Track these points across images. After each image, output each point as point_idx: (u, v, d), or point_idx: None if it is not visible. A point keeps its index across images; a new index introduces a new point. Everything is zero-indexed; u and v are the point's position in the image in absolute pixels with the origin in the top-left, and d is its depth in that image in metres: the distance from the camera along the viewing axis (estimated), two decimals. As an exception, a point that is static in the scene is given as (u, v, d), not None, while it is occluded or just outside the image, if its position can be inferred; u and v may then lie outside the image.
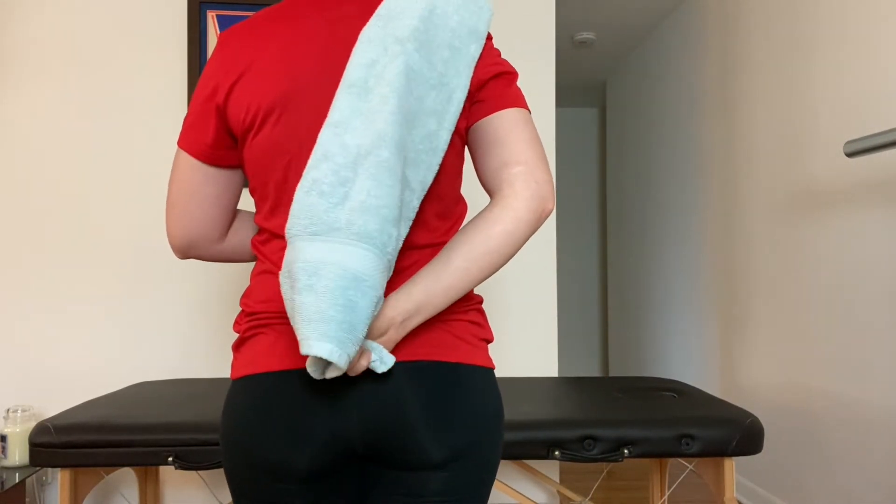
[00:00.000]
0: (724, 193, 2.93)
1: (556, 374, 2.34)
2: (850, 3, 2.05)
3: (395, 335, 0.78)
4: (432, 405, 0.81)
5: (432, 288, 0.78)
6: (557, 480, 2.28)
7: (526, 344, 2.35)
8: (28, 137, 2.19)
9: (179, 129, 2.24)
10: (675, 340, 3.51)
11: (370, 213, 0.70)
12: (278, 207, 0.83)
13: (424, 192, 0.80)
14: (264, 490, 0.81)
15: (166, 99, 2.24)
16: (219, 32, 2.24)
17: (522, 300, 2.36)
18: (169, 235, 0.93)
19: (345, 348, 0.68)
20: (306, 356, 0.77)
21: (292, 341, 0.80)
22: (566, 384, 1.97)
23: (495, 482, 1.66)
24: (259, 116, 0.81)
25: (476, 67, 0.83)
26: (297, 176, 0.80)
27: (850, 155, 1.50)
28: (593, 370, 5.54)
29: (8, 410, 2.00)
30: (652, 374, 3.88)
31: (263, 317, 0.82)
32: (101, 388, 2.20)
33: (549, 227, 2.39)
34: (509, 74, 0.85)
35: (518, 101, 0.84)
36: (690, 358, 3.31)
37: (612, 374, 4.75)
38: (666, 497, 2.04)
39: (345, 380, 0.79)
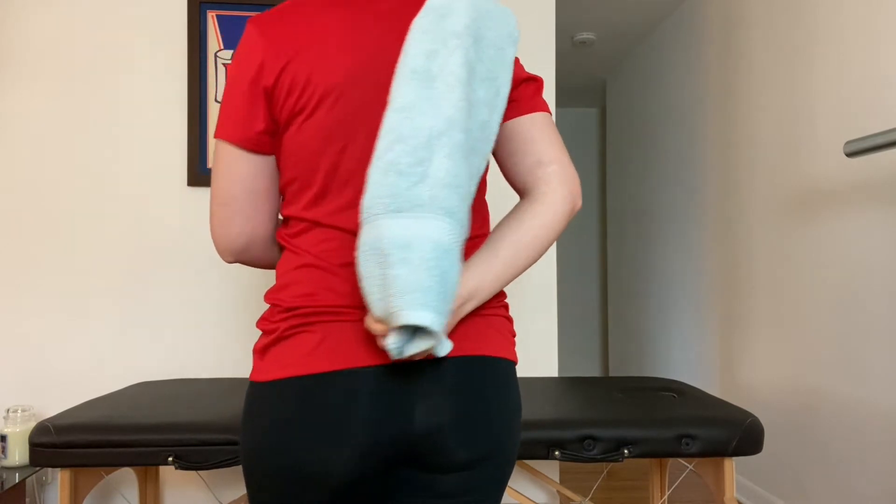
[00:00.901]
0: (724, 193, 2.93)
1: (556, 374, 2.34)
2: (849, 4, 2.05)
3: (451, 320, 0.78)
4: (480, 402, 0.81)
5: (484, 276, 0.80)
6: (557, 480, 2.28)
7: (526, 344, 2.36)
8: (27, 137, 2.19)
9: (179, 128, 2.24)
10: (675, 340, 3.51)
11: (450, 189, 0.72)
12: (325, 195, 0.81)
13: (479, 181, 0.83)
14: (293, 500, 0.78)
15: (166, 99, 2.24)
16: (219, 32, 2.24)
17: (522, 300, 2.36)
18: (221, 237, 0.86)
19: (441, 317, 0.69)
20: (360, 353, 0.76)
21: (342, 340, 0.77)
22: (566, 384, 1.97)
23: (495, 482, 1.66)
24: (314, 100, 0.79)
25: (513, 69, 0.87)
26: (352, 162, 0.80)
27: (850, 155, 1.50)
28: (593, 370, 5.54)
29: (8, 410, 2.00)
30: (652, 374, 3.88)
31: (305, 312, 0.78)
32: (101, 388, 2.20)
33: (549, 227, 2.39)
34: (537, 82, 0.91)
35: (546, 107, 0.90)
36: (690, 358, 3.31)
37: (612, 374, 4.75)
38: (666, 497, 2.04)
39: (400, 379, 0.77)
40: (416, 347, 0.71)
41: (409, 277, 0.68)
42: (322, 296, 0.78)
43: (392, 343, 0.71)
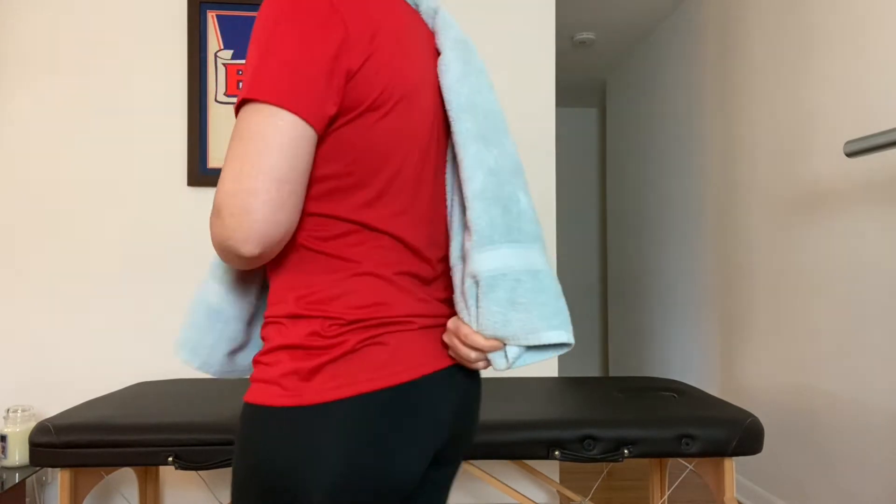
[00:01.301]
0: (724, 193, 2.93)
1: (556, 374, 2.33)
2: (849, 4, 2.05)
3: None
4: (479, 398, 0.90)
5: None
6: (557, 480, 2.28)
7: (526, 344, 2.35)
8: (28, 137, 2.19)
9: (179, 128, 2.24)
10: (675, 340, 3.51)
11: (536, 222, 0.81)
12: (380, 199, 0.77)
13: None
14: None
15: (166, 99, 2.24)
16: (219, 32, 2.24)
17: (522, 300, 2.35)
18: (265, 222, 0.69)
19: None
20: (427, 360, 0.79)
21: (412, 349, 0.77)
22: (566, 384, 1.97)
23: (495, 482, 1.66)
24: (392, 100, 0.75)
25: None
26: (410, 170, 0.79)
27: (850, 155, 1.50)
28: (593, 370, 5.54)
29: (8, 410, 2.00)
30: (652, 374, 3.88)
31: (372, 324, 0.75)
32: (101, 388, 2.20)
33: (549, 226, 2.39)
34: None
35: None
36: (690, 358, 3.31)
37: (612, 374, 4.75)
38: (666, 497, 2.04)
39: (456, 379, 0.82)
40: (531, 359, 0.80)
41: (552, 303, 0.77)
42: (387, 307, 0.76)
43: (512, 356, 0.78)
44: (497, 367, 0.79)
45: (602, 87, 4.99)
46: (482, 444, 1.50)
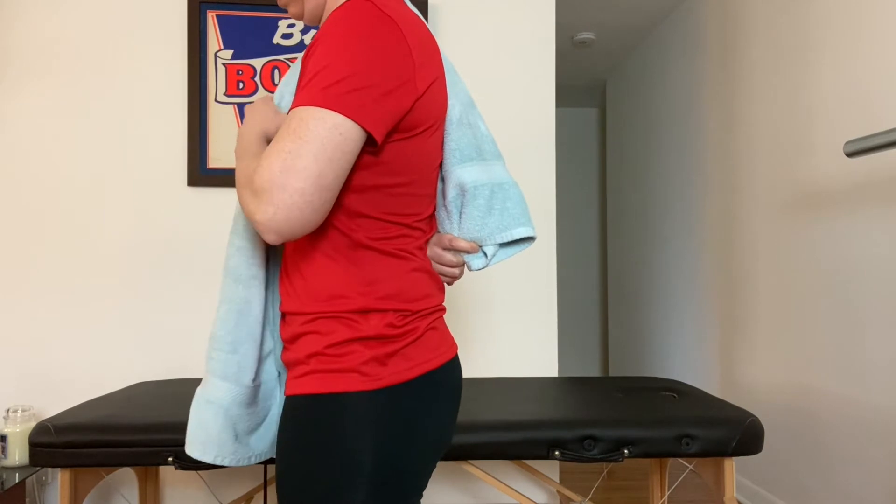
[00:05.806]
0: (724, 193, 2.93)
1: (556, 374, 2.34)
2: (849, 4, 2.05)
3: None
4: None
5: None
6: (557, 480, 2.28)
7: (526, 344, 2.35)
8: (28, 137, 2.19)
9: (179, 128, 2.24)
10: (675, 340, 3.51)
11: (496, 145, 1.00)
12: (422, 201, 0.89)
13: None
14: (427, 472, 0.88)
15: (166, 99, 2.24)
16: (219, 32, 2.24)
17: (522, 300, 2.36)
18: (299, 222, 0.72)
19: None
20: (454, 347, 0.93)
21: (446, 330, 0.92)
22: (566, 384, 1.97)
23: (495, 482, 1.66)
24: (441, 118, 0.88)
25: None
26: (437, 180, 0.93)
27: (850, 155, 1.50)
28: (593, 370, 5.53)
29: (8, 410, 2.00)
30: (652, 374, 3.88)
31: (427, 312, 0.87)
32: (101, 388, 2.20)
33: (549, 226, 2.39)
34: None
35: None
36: (690, 358, 3.31)
37: (612, 374, 4.75)
38: (666, 497, 2.04)
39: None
40: (504, 255, 0.95)
41: (518, 207, 0.94)
42: (434, 296, 0.89)
43: (490, 253, 0.94)
44: (475, 268, 0.95)
45: (602, 87, 4.99)
46: (482, 444, 1.50)
